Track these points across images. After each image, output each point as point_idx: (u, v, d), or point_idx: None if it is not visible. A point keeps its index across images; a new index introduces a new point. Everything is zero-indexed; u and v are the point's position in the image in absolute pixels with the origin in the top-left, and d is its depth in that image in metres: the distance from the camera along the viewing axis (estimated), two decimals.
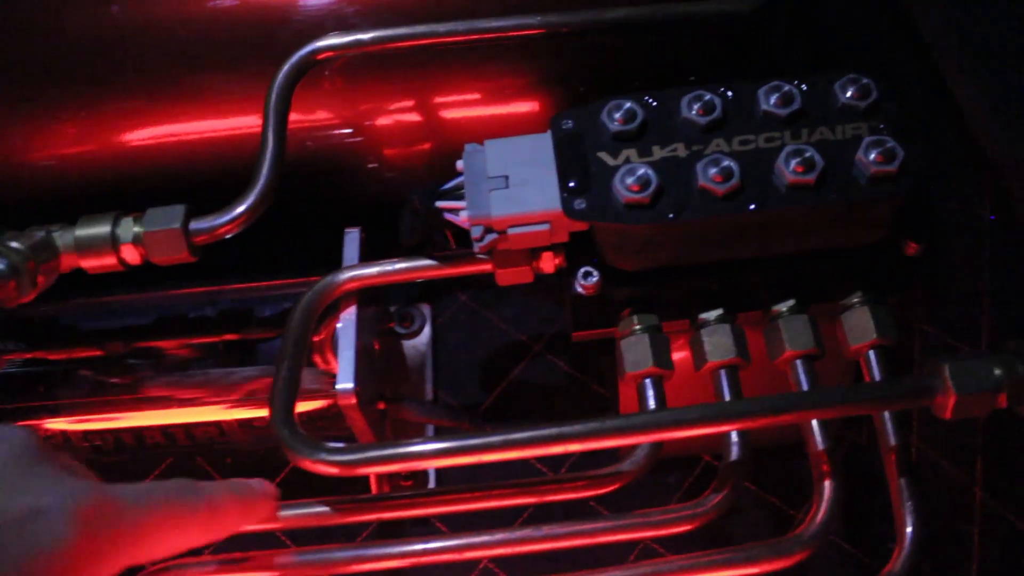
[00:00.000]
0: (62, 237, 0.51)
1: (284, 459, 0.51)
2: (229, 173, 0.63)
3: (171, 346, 0.58)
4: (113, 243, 0.50)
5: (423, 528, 0.61)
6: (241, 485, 0.47)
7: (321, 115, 0.64)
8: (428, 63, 0.64)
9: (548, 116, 0.64)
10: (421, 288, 0.71)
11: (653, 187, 0.48)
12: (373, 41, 0.55)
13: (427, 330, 0.68)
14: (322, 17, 0.61)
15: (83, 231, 0.50)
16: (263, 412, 0.57)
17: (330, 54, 0.55)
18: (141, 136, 0.62)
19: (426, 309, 0.70)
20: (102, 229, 0.50)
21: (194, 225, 0.51)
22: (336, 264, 0.59)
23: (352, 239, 0.58)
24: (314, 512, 0.51)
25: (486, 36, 0.55)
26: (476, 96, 0.65)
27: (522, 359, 0.69)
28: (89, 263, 0.51)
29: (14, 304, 0.48)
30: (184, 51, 0.60)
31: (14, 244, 0.48)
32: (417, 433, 0.65)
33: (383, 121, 0.65)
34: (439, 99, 0.65)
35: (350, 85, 0.64)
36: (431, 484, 0.63)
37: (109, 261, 0.51)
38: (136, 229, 0.50)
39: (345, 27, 0.59)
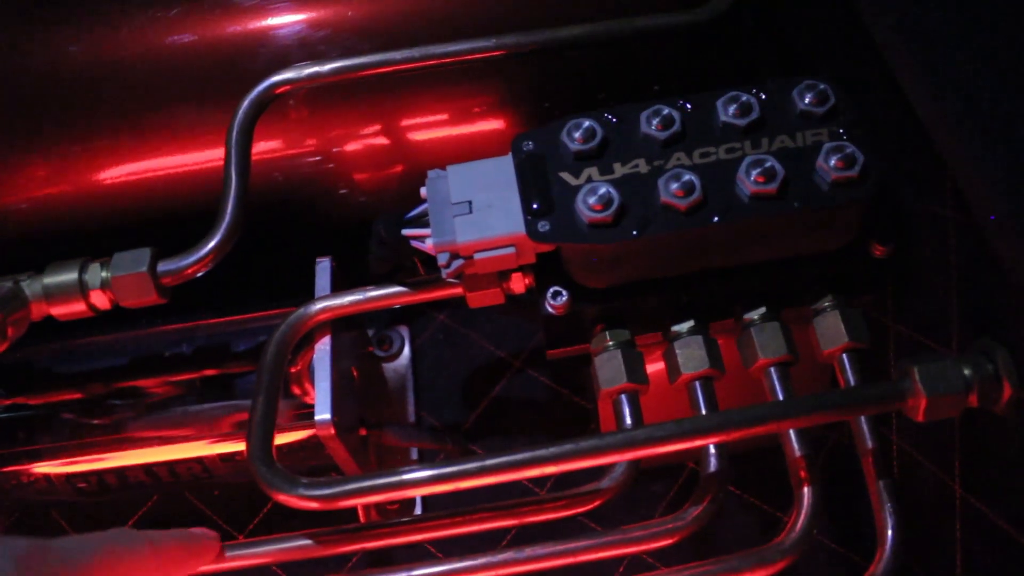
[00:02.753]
0: (30, 286, 0.51)
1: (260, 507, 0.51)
2: (199, 208, 0.63)
3: (149, 385, 0.58)
4: (82, 289, 0.51)
5: (411, 552, 0.61)
6: (182, 532, 0.48)
7: (287, 144, 0.64)
8: (392, 87, 0.64)
9: (516, 133, 0.65)
10: (398, 310, 0.72)
11: (615, 205, 0.48)
12: (331, 72, 0.55)
13: (406, 352, 0.68)
14: (284, 48, 0.62)
15: (51, 279, 0.51)
16: (243, 446, 0.58)
17: (288, 87, 0.55)
18: (108, 175, 0.63)
19: (404, 331, 0.70)
20: (69, 276, 0.50)
21: (162, 267, 0.51)
22: (311, 293, 0.59)
23: (323, 269, 0.58)
24: (300, 545, 0.51)
25: (443, 61, 0.55)
26: (443, 117, 0.66)
27: (503, 376, 0.70)
28: (59, 310, 0.51)
29: None
30: (146, 88, 0.60)
31: None
32: (402, 456, 0.65)
33: (351, 147, 0.65)
34: (406, 122, 0.65)
35: (315, 113, 0.64)
36: (418, 507, 0.64)
37: (78, 308, 0.51)
38: (104, 274, 0.51)
39: (309, 56, 0.59)
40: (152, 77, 0.60)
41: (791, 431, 0.50)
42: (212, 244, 0.51)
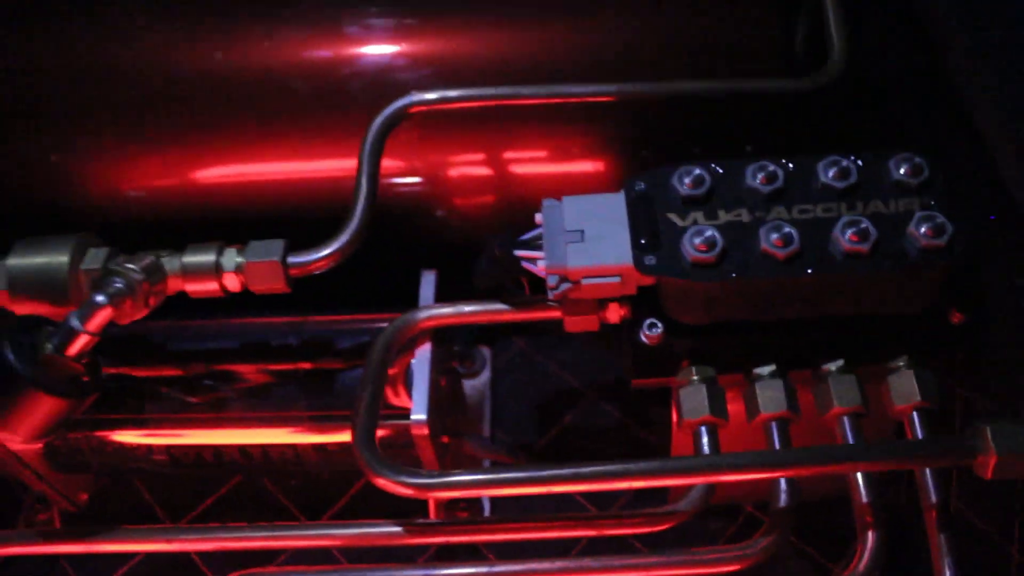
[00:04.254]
0: (170, 262, 0.55)
1: (347, 484, 0.54)
2: (311, 212, 0.68)
3: (254, 370, 0.62)
4: (216, 271, 0.55)
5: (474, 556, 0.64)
6: None
7: (395, 164, 0.69)
8: (502, 121, 0.68)
9: (610, 177, 0.69)
10: (480, 331, 0.75)
11: (719, 248, 0.52)
12: (460, 98, 0.60)
13: (487, 372, 0.72)
14: (408, 75, 0.67)
15: (190, 258, 0.55)
16: (339, 437, 0.61)
17: (422, 108, 0.60)
18: (241, 172, 0.68)
19: (486, 351, 0.74)
20: (207, 257, 0.55)
21: (291, 259, 0.55)
22: (402, 304, 0.63)
23: (428, 280, 0.62)
24: (381, 532, 0.55)
25: (566, 100, 0.59)
26: (543, 153, 0.70)
27: (575, 404, 0.73)
28: (193, 287, 0.55)
29: (126, 321, 0.52)
30: (287, 96, 0.65)
31: (130, 266, 0.53)
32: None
33: (454, 172, 0.70)
34: (509, 155, 0.70)
35: (425, 138, 0.69)
36: (485, 512, 0.67)
37: (211, 287, 0.55)
38: (239, 259, 0.55)
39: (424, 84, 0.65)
40: (294, 87, 0.65)
41: (860, 477, 0.53)
42: (340, 243, 0.56)
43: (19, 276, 0.54)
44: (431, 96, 0.60)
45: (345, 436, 0.61)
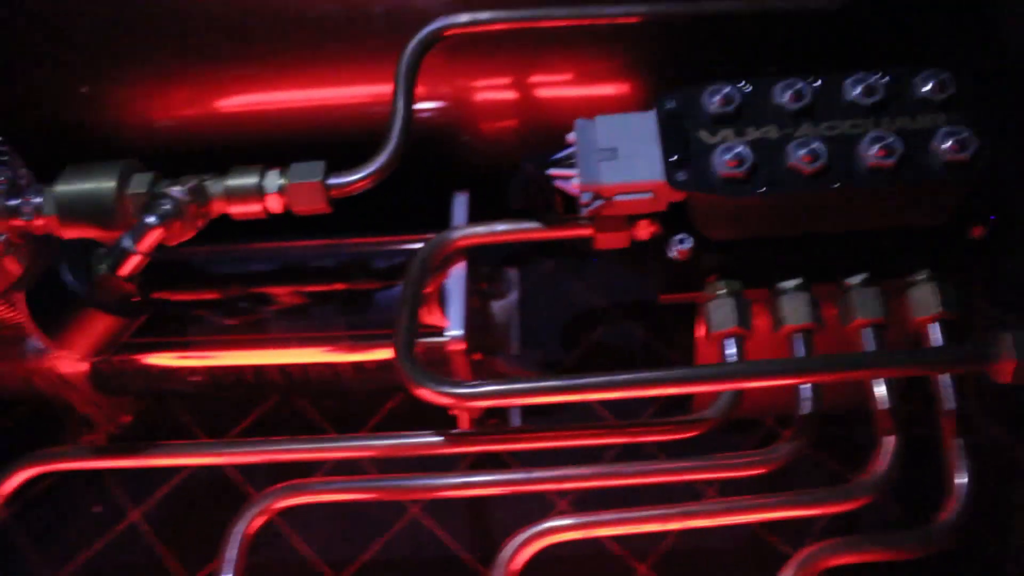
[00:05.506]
0: (214, 186, 0.56)
1: (380, 404, 0.55)
2: (340, 137, 0.69)
3: (291, 292, 0.64)
4: (259, 193, 0.56)
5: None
6: None
7: (426, 89, 0.70)
8: (528, 44, 0.69)
9: (637, 99, 0.70)
10: (508, 253, 0.77)
11: (748, 164, 0.54)
12: (492, 20, 0.61)
13: (515, 292, 0.73)
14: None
15: (233, 181, 0.56)
16: (377, 355, 0.63)
17: (455, 31, 0.61)
18: (277, 99, 0.69)
19: (514, 272, 0.76)
20: (251, 180, 0.56)
21: (332, 180, 0.57)
22: (434, 226, 0.64)
23: (461, 201, 0.64)
24: (418, 442, 0.58)
25: (597, 21, 0.60)
26: (569, 77, 0.71)
27: (601, 324, 0.75)
28: (236, 209, 0.57)
29: (175, 242, 0.54)
30: (317, 23, 0.66)
31: (176, 189, 0.54)
32: None
33: (483, 96, 0.71)
34: (537, 78, 0.71)
35: (450, 62, 0.70)
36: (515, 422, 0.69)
37: (255, 209, 0.57)
38: (281, 181, 0.56)
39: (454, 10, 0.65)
40: (331, 15, 0.66)
41: (880, 385, 0.56)
42: (379, 164, 0.57)
43: (67, 202, 0.56)
44: (463, 19, 0.60)
45: (382, 353, 0.64)
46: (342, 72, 0.69)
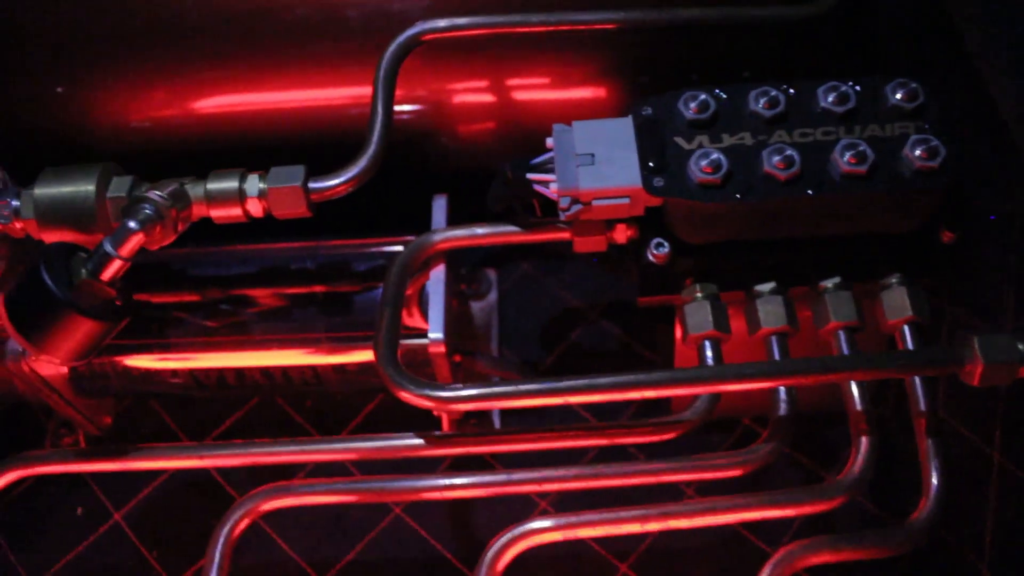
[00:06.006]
0: (194, 189, 0.57)
1: (361, 404, 0.56)
2: (317, 140, 0.70)
3: (271, 294, 0.64)
4: (240, 196, 0.57)
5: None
6: None
7: (403, 93, 0.70)
8: (506, 48, 0.70)
9: (613, 103, 0.71)
10: (486, 255, 0.78)
11: (724, 170, 0.55)
12: (470, 25, 0.61)
13: (493, 293, 0.74)
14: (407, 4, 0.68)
15: (213, 184, 0.57)
16: (358, 357, 0.64)
17: (434, 35, 0.61)
18: (240, 102, 0.69)
19: (492, 274, 0.77)
20: (230, 184, 0.56)
21: (312, 184, 0.57)
22: (412, 228, 0.65)
23: (440, 204, 0.64)
24: (400, 444, 0.58)
25: (574, 27, 0.61)
26: (546, 80, 0.72)
27: (579, 324, 0.76)
28: (217, 213, 0.57)
29: (156, 247, 0.54)
30: (295, 25, 0.66)
31: (156, 193, 0.54)
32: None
33: (460, 99, 0.71)
34: (512, 81, 0.71)
35: (428, 66, 0.70)
36: (496, 424, 0.70)
37: (235, 212, 0.57)
38: (261, 185, 0.57)
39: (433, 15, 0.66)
40: (308, 16, 0.66)
41: (854, 387, 0.57)
42: (359, 168, 0.57)
43: (46, 205, 0.56)
44: (442, 23, 0.61)
45: (363, 355, 0.64)
46: (320, 74, 0.69)
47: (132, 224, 0.53)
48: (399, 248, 0.63)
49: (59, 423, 0.72)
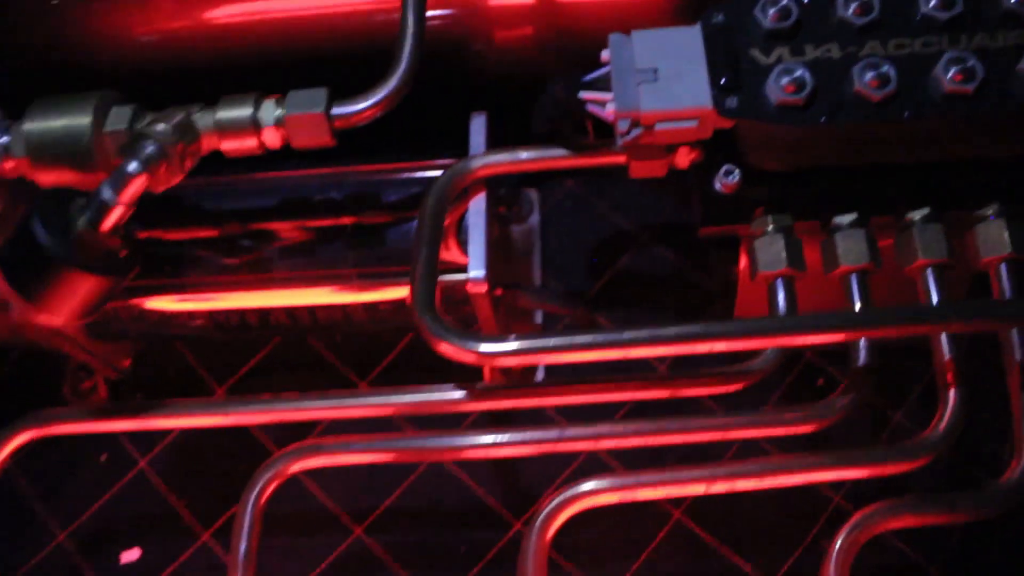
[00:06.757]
0: (202, 119, 0.50)
1: (395, 338, 0.51)
2: (346, 50, 0.63)
3: (294, 227, 0.59)
4: (255, 126, 0.50)
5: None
6: None
7: None
8: None
9: (673, 8, 0.63)
10: (527, 174, 0.71)
11: (808, 89, 0.48)
12: None
13: (535, 216, 0.68)
14: None
15: (224, 113, 0.50)
16: (390, 294, 0.58)
17: None
18: (253, 10, 0.62)
19: (534, 194, 0.70)
20: (243, 112, 0.50)
21: (336, 109, 0.50)
22: (446, 149, 0.58)
23: (479, 124, 0.57)
24: (443, 398, 0.53)
25: None
26: None
27: (629, 247, 0.70)
28: (229, 145, 0.51)
29: (162, 188, 0.48)
30: None
31: (160, 127, 0.48)
32: (526, 319, 0.66)
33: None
34: None
35: None
36: (540, 371, 0.65)
37: (249, 144, 0.50)
38: (278, 112, 0.50)
39: None
40: None
41: (943, 335, 0.51)
42: (388, 90, 0.50)
43: (38, 142, 0.50)
44: None
45: (397, 293, 0.59)
46: None
47: (133, 166, 0.46)
48: (434, 174, 0.57)
49: (77, 365, 0.67)
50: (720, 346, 0.47)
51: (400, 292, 0.58)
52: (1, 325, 0.59)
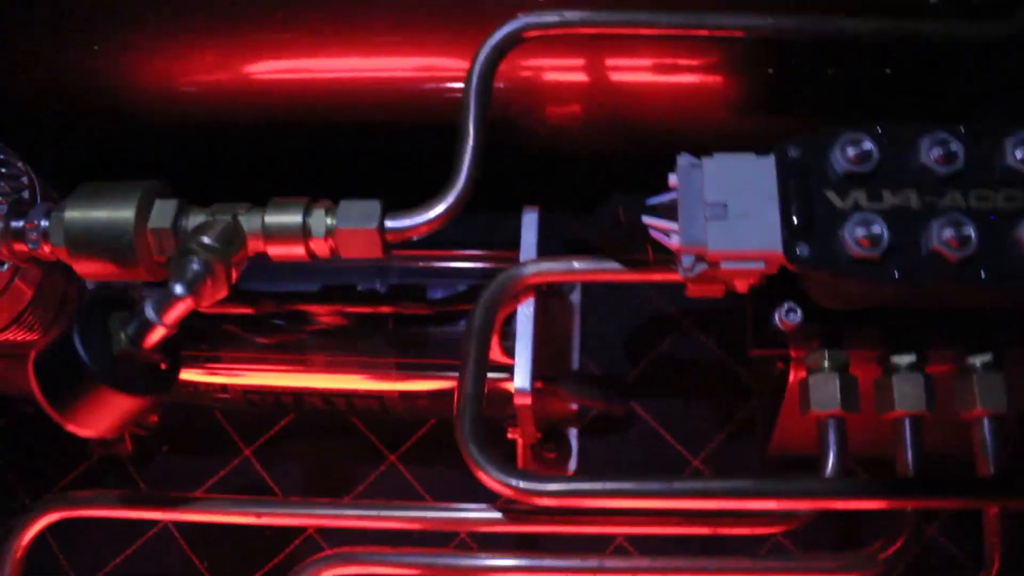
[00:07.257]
0: (249, 221, 0.48)
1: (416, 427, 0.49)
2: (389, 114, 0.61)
3: (332, 311, 0.57)
4: (304, 234, 0.48)
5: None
6: None
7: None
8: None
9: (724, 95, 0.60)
10: (569, 239, 0.69)
11: (884, 244, 0.45)
12: (582, 23, 0.50)
13: (576, 294, 0.66)
14: None
15: (273, 218, 0.48)
16: (429, 385, 0.57)
17: (537, 32, 0.50)
18: (298, 67, 0.60)
19: None
20: (293, 218, 0.47)
21: (390, 223, 0.48)
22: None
23: (530, 221, 0.55)
24: (475, 518, 0.53)
25: (711, 33, 0.50)
26: (648, 62, 0.61)
27: (670, 333, 0.68)
28: (276, 251, 0.48)
29: (208, 305, 0.46)
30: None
31: (206, 240, 0.46)
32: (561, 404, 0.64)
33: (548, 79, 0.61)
34: (610, 61, 0.60)
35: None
36: (573, 461, 0.64)
37: (297, 252, 0.48)
38: (329, 222, 0.48)
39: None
40: None
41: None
42: (445, 205, 0.48)
43: (79, 233, 0.47)
44: (551, 19, 0.50)
45: (436, 384, 0.57)
46: (390, 40, 0.59)
47: (179, 289, 0.44)
48: (480, 265, 0.55)
49: None
50: (771, 504, 0.46)
51: (439, 384, 0.57)
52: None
